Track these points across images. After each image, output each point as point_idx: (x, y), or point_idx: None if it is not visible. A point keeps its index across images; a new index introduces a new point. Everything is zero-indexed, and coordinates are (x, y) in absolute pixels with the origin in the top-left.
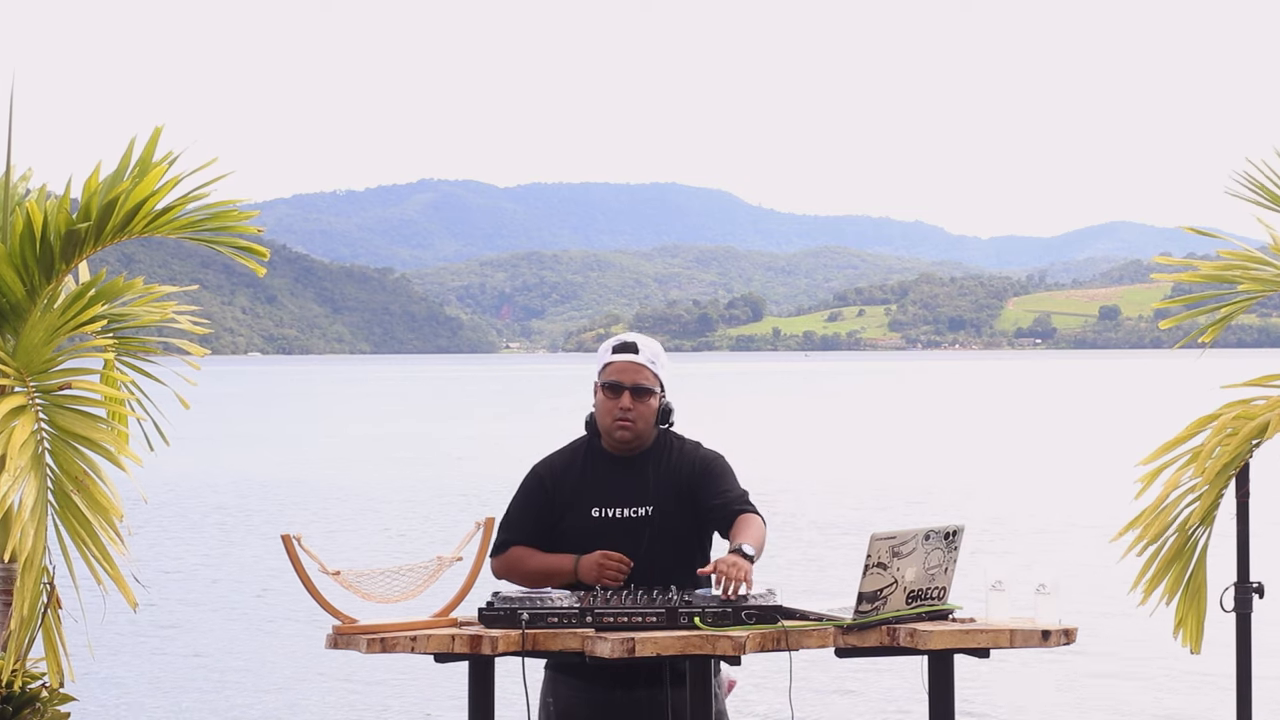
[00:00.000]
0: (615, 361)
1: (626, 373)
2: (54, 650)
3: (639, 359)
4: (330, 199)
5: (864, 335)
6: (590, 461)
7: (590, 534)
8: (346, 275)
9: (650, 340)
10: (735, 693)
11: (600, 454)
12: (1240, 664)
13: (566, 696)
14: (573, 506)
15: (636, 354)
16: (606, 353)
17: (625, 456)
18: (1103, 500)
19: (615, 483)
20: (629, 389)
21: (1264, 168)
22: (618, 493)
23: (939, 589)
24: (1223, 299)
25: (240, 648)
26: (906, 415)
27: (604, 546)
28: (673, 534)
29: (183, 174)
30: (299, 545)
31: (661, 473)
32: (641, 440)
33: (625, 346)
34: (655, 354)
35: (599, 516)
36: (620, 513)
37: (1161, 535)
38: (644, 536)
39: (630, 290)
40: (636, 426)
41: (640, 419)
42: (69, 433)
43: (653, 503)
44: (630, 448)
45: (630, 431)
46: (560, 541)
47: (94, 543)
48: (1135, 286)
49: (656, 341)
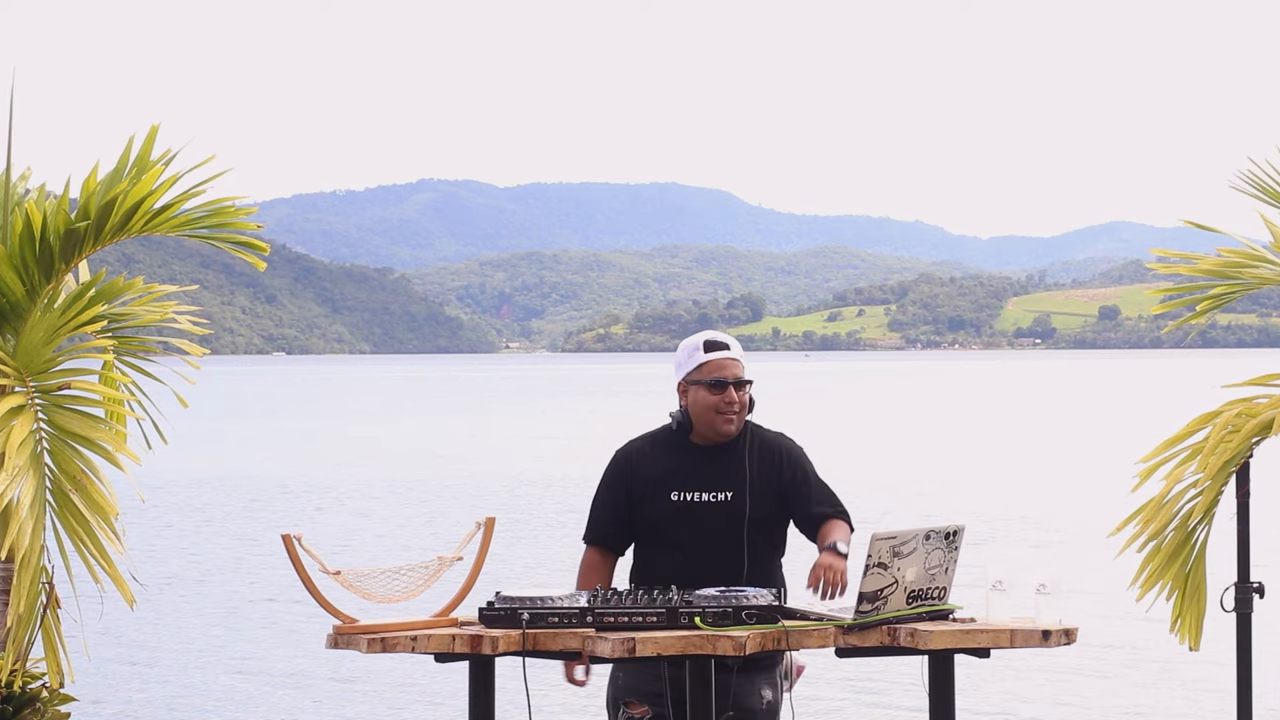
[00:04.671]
0: (715, 359)
1: (729, 368)
2: (54, 650)
3: (732, 354)
4: (330, 199)
5: (864, 335)
6: (673, 450)
7: (669, 518)
8: (346, 275)
9: (731, 337)
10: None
11: (684, 444)
12: (1240, 664)
13: (635, 671)
14: (652, 493)
15: (729, 350)
16: (697, 352)
17: (712, 446)
18: (1103, 500)
19: (697, 469)
20: (733, 383)
21: (1266, 166)
22: (699, 478)
23: (939, 589)
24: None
25: (240, 647)
26: (906, 415)
27: (682, 529)
28: (753, 519)
29: (181, 172)
30: (299, 545)
31: (746, 460)
32: (738, 430)
33: (718, 344)
34: (739, 349)
35: (678, 500)
36: (700, 496)
37: (1162, 531)
38: (722, 519)
39: (630, 290)
40: (740, 416)
41: (743, 410)
42: (67, 432)
43: (734, 488)
44: (730, 438)
45: (735, 423)
46: (641, 527)
47: (92, 541)
48: (1135, 286)
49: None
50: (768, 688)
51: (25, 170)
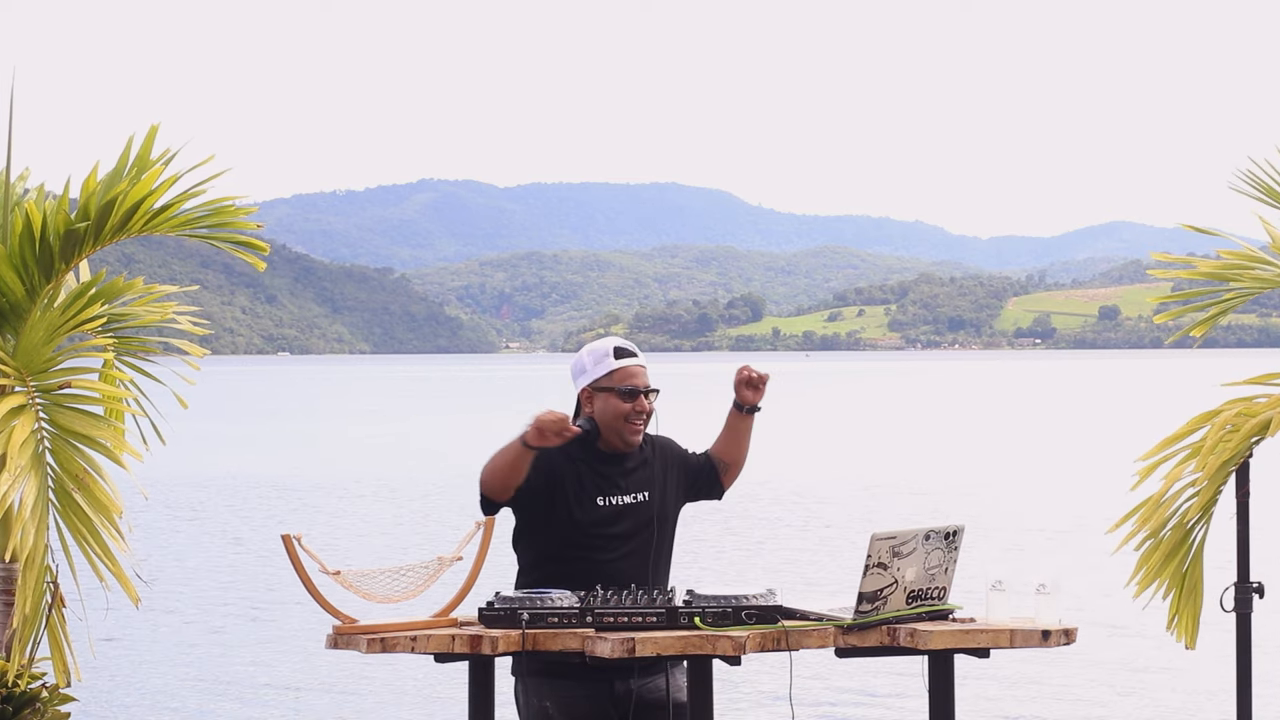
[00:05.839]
0: (627, 366)
1: (641, 376)
2: (59, 649)
3: (642, 361)
4: (330, 199)
5: (864, 335)
6: (586, 457)
7: (600, 521)
8: (346, 275)
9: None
10: (733, 691)
11: (594, 451)
12: (1240, 664)
13: (567, 696)
14: (578, 498)
15: (638, 357)
16: (606, 358)
17: (619, 453)
18: (1103, 500)
19: (615, 474)
20: (644, 392)
21: (1266, 166)
22: (619, 482)
23: (939, 589)
24: (1218, 295)
25: (240, 647)
26: (907, 415)
27: (616, 531)
28: (666, 516)
29: (181, 172)
30: (299, 545)
31: (651, 462)
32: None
33: (627, 351)
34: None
35: (604, 505)
36: (623, 500)
37: (1160, 529)
38: (652, 518)
39: (630, 290)
40: (647, 425)
41: (648, 419)
42: (69, 431)
43: (649, 488)
44: (635, 448)
45: (642, 431)
46: (572, 531)
47: (95, 540)
48: (1135, 286)
49: None
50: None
51: (24, 170)
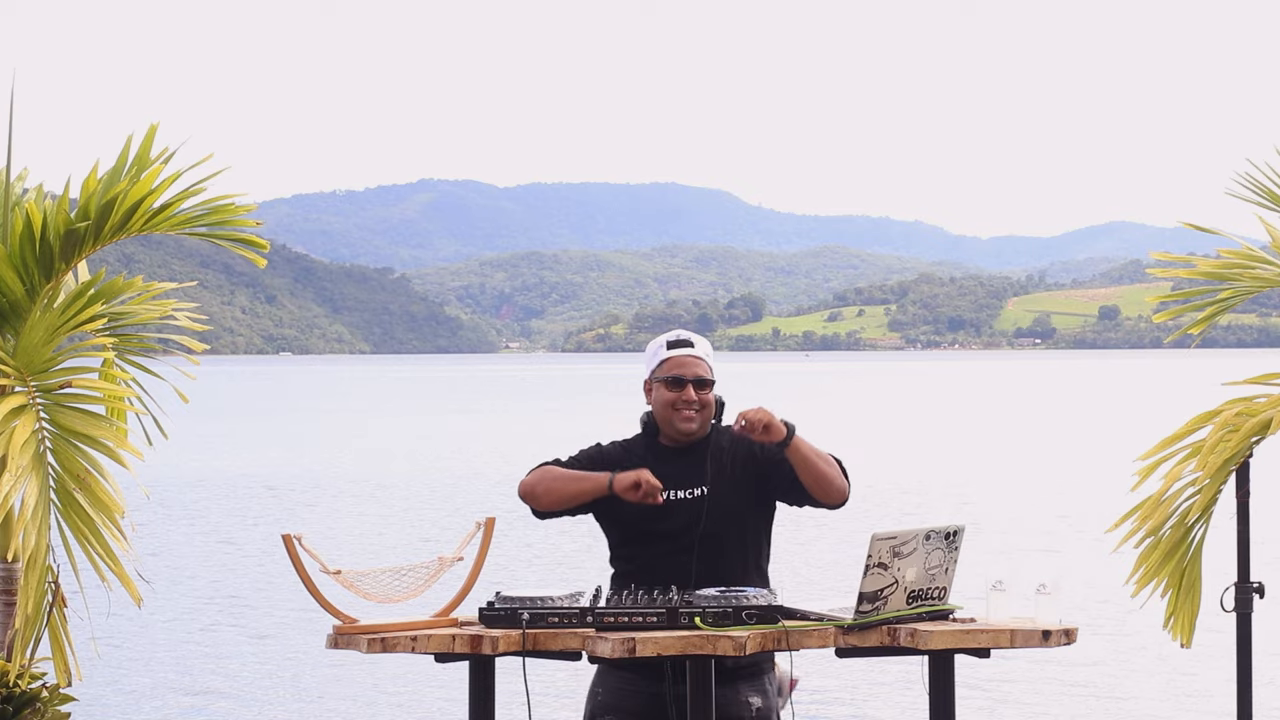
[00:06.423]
0: (675, 356)
1: (687, 366)
2: (60, 649)
3: (696, 352)
4: (330, 199)
5: (864, 335)
6: (647, 453)
7: (651, 515)
8: (346, 275)
9: (700, 337)
10: None
11: (657, 447)
12: (1240, 664)
13: (615, 688)
14: None
15: (693, 348)
16: (660, 349)
17: (681, 446)
18: (1103, 500)
19: (672, 468)
20: (691, 382)
21: (1265, 168)
22: (675, 477)
23: (939, 589)
24: (1218, 294)
25: (240, 647)
26: (907, 415)
27: (666, 527)
28: (731, 512)
29: (180, 170)
30: (299, 545)
31: (715, 457)
32: (703, 430)
33: (681, 342)
34: (707, 349)
35: (662, 499)
36: (677, 494)
37: (1160, 528)
38: (701, 514)
39: (630, 290)
40: (701, 415)
41: (705, 410)
42: (70, 431)
43: (708, 484)
44: (692, 437)
45: (695, 421)
46: (626, 529)
47: (97, 540)
48: (1135, 286)
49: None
50: (755, 694)
51: (23, 170)
